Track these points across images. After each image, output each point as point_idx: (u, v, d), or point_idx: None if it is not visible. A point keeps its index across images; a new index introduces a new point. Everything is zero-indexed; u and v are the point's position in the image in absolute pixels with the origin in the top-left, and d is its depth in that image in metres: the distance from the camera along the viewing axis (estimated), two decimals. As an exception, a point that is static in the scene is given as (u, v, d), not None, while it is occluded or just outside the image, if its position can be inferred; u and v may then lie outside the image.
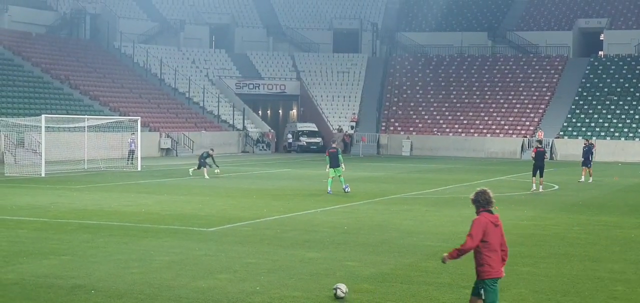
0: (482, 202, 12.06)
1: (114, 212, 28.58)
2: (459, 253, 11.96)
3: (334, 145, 38.69)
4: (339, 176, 36.80)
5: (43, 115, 50.13)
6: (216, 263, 18.74)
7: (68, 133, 58.87)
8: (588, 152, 47.20)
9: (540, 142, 43.31)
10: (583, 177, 46.93)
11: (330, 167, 37.08)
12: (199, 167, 46.77)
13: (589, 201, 34.79)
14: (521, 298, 15.56)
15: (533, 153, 41.02)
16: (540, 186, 39.54)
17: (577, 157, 69.62)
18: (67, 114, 64.61)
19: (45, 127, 49.87)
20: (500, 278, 11.99)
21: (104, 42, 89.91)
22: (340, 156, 37.31)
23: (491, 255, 11.90)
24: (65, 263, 18.52)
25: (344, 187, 36.66)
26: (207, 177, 45.45)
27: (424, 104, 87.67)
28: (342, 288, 15.38)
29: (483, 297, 11.93)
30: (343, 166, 37.33)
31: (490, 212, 12.04)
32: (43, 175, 45.93)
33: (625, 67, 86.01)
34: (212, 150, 49.35)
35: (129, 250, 20.45)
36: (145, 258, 19.26)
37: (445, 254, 12.23)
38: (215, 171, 46.68)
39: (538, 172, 39.67)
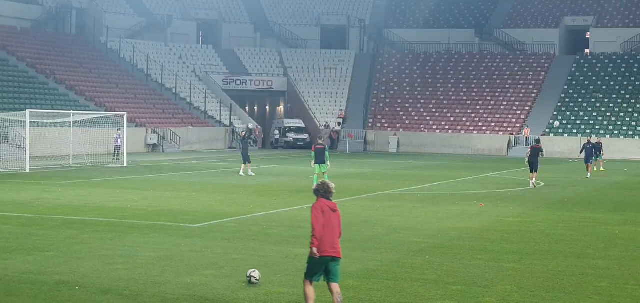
0: (321, 192, 13.62)
1: (99, 208, 28.50)
2: (314, 239, 13.41)
3: (320, 142, 38.68)
4: (324, 173, 36.77)
5: (28, 110, 49.97)
6: (202, 259, 18.70)
7: (53, 128, 58.73)
8: (591, 150, 49.29)
9: (538, 140, 43.41)
10: (589, 173, 48.38)
11: (315, 163, 37.08)
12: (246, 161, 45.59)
13: (574, 198, 34.88)
14: (506, 294, 15.58)
15: (529, 150, 41.28)
16: (532, 181, 39.63)
17: (563, 154, 70.09)
18: (53, 109, 64.41)
19: (30, 122, 49.71)
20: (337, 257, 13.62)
21: (90, 37, 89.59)
22: (327, 153, 37.31)
23: (331, 234, 13.48)
24: (49, 259, 18.44)
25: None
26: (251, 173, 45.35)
27: (411, 101, 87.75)
28: (255, 275, 15.92)
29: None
30: (329, 163, 37.30)
31: (329, 200, 13.63)
32: (28, 170, 45.74)
33: (611, 65, 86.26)
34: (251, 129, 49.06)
35: (114, 246, 20.39)
36: (131, 254, 19.20)
37: (313, 248, 13.50)
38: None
39: (532, 168, 39.94)
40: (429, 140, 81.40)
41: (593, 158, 49.80)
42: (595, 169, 51.55)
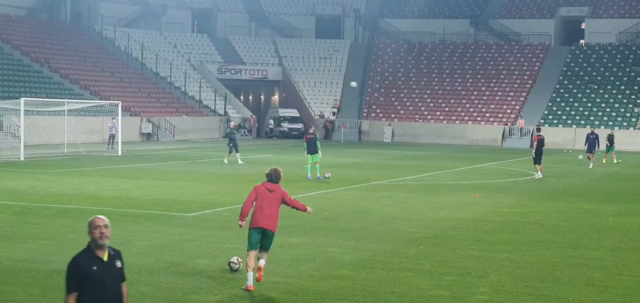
0: (267, 176, 15.85)
1: (93, 197, 28.50)
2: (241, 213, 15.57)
3: (311, 131, 38.65)
4: (315, 163, 36.75)
5: (22, 99, 49.89)
6: (196, 248, 18.72)
7: (48, 117, 58.63)
8: (594, 140, 49.71)
9: (539, 129, 43.44)
10: (591, 163, 48.85)
11: (308, 153, 37.10)
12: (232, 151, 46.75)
13: (568, 189, 34.94)
14: (500, 284, 15.61)
15: (535, 141, 41.09)
16: (540, 172, 39.67)
17: (557, 145, 70.11)
18: (47, 97, 64.26)
19: (25, 110, 49.63)
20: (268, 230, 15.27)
21: (84, 25, 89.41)
22: (318, 142, 37.29)
23: (256, 212, 15.30)
24: (44, 248, 18.44)
25: (317, 175, 36.64)
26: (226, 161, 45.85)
27: (406, 91, 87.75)
28: (234, 260, 16.27)
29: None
30: (320, 153, 37.27)
31: (271, 182, 15.72)
32: (22, 159, 45.69)
33: (606, 55, 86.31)
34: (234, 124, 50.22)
35: (109, 234, 20.35)
36: (125, 243, 19.19)
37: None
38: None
39: (539, 159, 39.93)
40: (424, 131, 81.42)
41: (595, 149, 49.87)
42: (604, 161, 51.87)
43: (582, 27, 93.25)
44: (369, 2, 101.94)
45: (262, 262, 15.07)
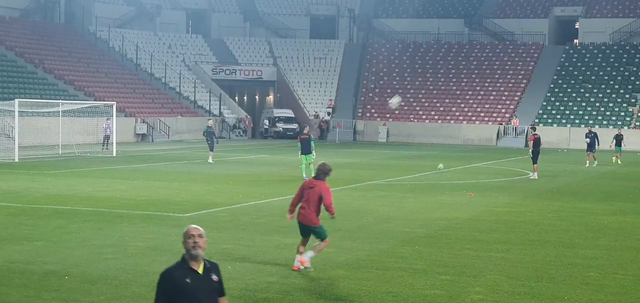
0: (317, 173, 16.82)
1: (88, 198, 28.47)
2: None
3: (305, 132, 38.68)
4: (309, 164, 36.76)
5: (17, 100, 49.83)
6: (191, 248, 18.67)
7: (42, 118, 58.55)
8: (593, 139, 50.14)
9: (534, 128, 43.50)
10: (588, 162, 49.45)
11: (301, 154, 37.13)
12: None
13: (563, 188, 34.98)
14: (495, 283, 15.62)
15: (531, 141, 41.17)
16: (536, 172, 39.69)
17: (552, 145, 70.17)
18: (42, 98, 64.19)
19: (19, 111, 49.58)
20: (304, 224, 16.47)
21: (79, 26, 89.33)
22: (312, 143, 37.29)
23: (301, 205, 16.48)
24: (38, 249, 18.42)
25: (312, 175, 36.61)
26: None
27: (400, 91, 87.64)
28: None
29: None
30: (314, 153, 37.25)
31: (315, 179, 16.83)
32: (17, 160, 45.63)
33: (600, 55, 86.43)
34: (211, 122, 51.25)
35: (104, 235, 20.37)
36: (120, 244, 19.19)
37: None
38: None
39: (536, 158, 40.00)
40: (419, 130, 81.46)
41: (595, 148, 50.23)
42: (614, 160, 52.15)
43: (576, 26, 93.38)
44: (364, 2, 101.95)
45: (306, 256, 16.38)
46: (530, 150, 40.88)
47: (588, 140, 50.38)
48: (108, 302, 13.91)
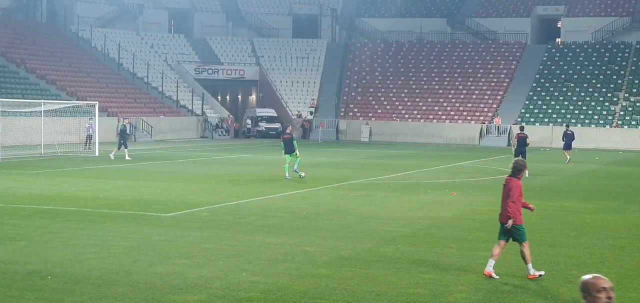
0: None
1: (71, 198, 28.38)
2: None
3: (288, 131, 38.69)
4: (296, 157, 36.71)
5: (-1, 100, 49.63)
6: (174, 248, 18.67)
7: (24, 117, 58.35)
8: (571, 137, 51.39)
9: (522, 128, 43.66)
10: (568, 157, 50.76)
11: (285, 153, 37.13)
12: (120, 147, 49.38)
13: (545, 187, 35.09)
14: (478, 282, 15.66)
15: (515, 139, 41.45)
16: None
17: (534, 143, 70.26)
18: (24, 98, 64.02)
19: (1, 111, 49.45)
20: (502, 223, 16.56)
21: (61, 25, 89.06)
22: (294, 142, 37.29)
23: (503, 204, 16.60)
24: (21, 249, 18.35)
25: (295, 168, 36.61)
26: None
27: (383, 90, 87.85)
28: None
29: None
30: (298, 152, 37.25)
31: (509, 176, 16.69)
32: (-1, 160, 45.48)
33: (582, 54, 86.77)
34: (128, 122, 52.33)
35: (86, 235, 20.31)
36: (103, 243, 19.14)
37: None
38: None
39: (520, 157, 40.10)
40: (401, 130, 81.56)
41: (572, 146, 51.58)
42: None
43: (558, 25, 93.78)
44: (346, 1, 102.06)
45: (489, 265, 16.16)
46: (513, 149, 41.14)
47: (565, 140, 51.44)
48: (91, 301, 13.86)
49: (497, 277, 15.98)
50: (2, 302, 13.84)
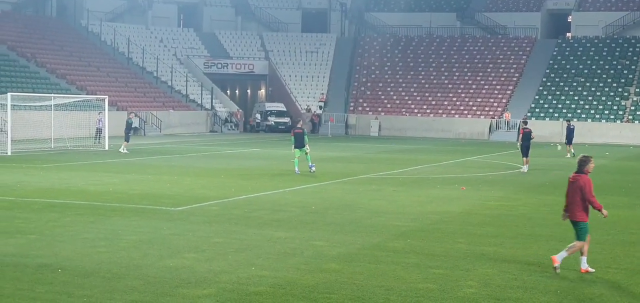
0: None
1: (81, 191, 28.42)
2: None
3: (299, 126, 38.60)
4: (306, 153, 36.67)
5: (9, 93, 49.71)
6: (184, 242, 18.69)
7: (35, 111, 58.49)
8: (572, 131, 52.49)
9: (525, 123, 43.68)
10: (568, 154, 51.19)
11: (295, 148, 37.05)
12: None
13: (555, 182, 34.98)
14: (487, 277, 15.63)
15: (520, 134, 41.42)
16: (526, 166, 39.85)
17: (544, 138, 70.24)
18: (34, 92, 64.13)
19: (12, 105, 49.48)
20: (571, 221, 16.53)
21: (70, 20, 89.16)
22: (305, 136, 37.23)
23: (569, 201, 16.57)
24: (31, 243, 18.39)
25: (309, 165, 36.60)
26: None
27: (392, 85, 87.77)
28: None
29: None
30: (308, 147, 37.19)
31: (575, 172, 16.80)
32: (9, 153, 45.55)
33: (593, 49, 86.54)
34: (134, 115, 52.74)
35: (96, 229, 20.35)
36: (113, 237, 19.17)
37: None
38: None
39: (525, 152, 40.15)
40: (410, 124, 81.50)
41: (572, 139, 52.50)
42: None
43: (569, 20, 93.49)
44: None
45: (559, 256, 16.25)
46: (519, 144, 41.15)
47: (566, 132, 52.67)
48: (101, 294, 13.89)
49: (593, 270, 16.18)
50: (13, 295, 13.89)
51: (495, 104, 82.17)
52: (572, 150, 51.63)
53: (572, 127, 53.27)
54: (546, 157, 50.81)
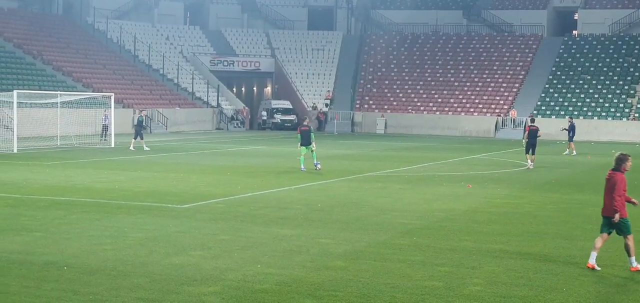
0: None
1: (86, 189, 28.45)
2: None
3: (305, 124, 38.62)
4: (312, 151, 36.70)
5: (15, 91, 49.82)
6: (190, 240, 18.70)
7: (41, 109, 58.56)
8: (572, 128, 52.68)
9: (533, 120, 43.66)
10: (567, 150, 51.58)
11: (301, 145, 37.07)
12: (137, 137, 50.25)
13: (562, 179, 34.97)
14: (493, 275, 15.62)
15: (526, 132, 41.51)
16: (532, 163, 39.93)
17: (551, 136, 70.18)
18: (40, 89, 64.22)
19: (18, 102, 49.56)
20: (605, 216, 16.58)
21: (76, 17, 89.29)
22: (312, 134, 37.26)
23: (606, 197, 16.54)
24: (37, 240, 18.41)
25: (315, 163, 36.62)
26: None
27: (398, 82, 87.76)
28: None
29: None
30: (314, 144, 37.21)
31: (612, 170, 16.49)
32: (15, 151, 45.62)
33: (599, 46, 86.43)
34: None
35: (102, 226, 20.36)
36: (119, 234, 19.18)
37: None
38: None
39: (531, 149, 40.25)
40: (417, 122, 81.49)
41: (573, 136, 53.01)
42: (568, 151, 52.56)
43: (575, 17, 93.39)
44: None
45: (592, 257, 16.35)
46: (524, 141, 41.25)
47: (567, 129, 53.13)
48: (107, 292, 13.90)
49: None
50: (19, 292, 13.90)
51: (502, 102, 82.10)
52: (574, 150, 51.61)
53: (572, 124, 53.71)
54: (552, 155, 50.75)
